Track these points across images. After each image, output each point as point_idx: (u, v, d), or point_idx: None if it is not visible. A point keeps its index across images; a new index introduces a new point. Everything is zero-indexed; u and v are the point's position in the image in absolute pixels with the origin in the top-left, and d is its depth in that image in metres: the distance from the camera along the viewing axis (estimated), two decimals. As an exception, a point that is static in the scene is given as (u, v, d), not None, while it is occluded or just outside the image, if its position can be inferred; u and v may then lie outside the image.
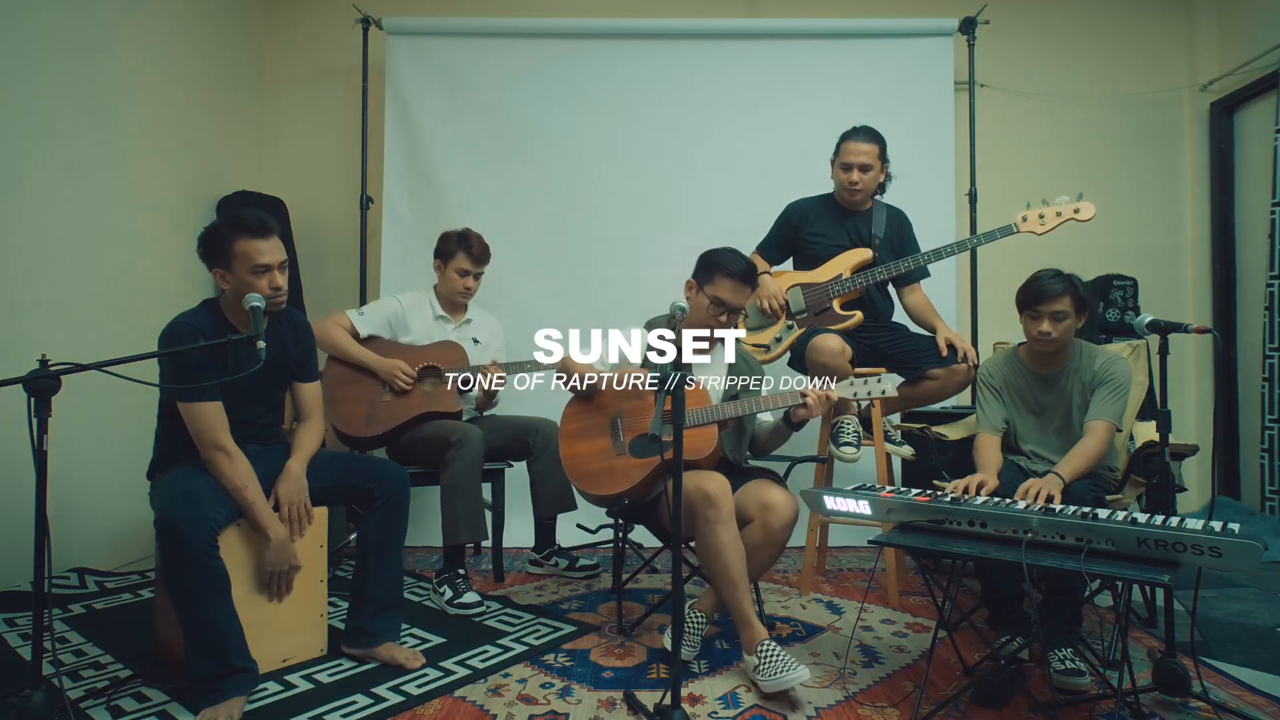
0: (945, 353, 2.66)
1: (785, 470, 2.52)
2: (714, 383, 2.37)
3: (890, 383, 2.11)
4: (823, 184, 2.99)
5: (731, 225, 3.38)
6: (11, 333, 2.53)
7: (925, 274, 2.93)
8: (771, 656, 1.90)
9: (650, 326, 2.39)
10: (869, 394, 2.12)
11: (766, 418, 2.44)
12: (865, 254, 2.82)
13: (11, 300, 2.56)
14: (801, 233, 2.92)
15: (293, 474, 2.03)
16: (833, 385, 2.13)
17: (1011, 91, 4.04)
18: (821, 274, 2.85)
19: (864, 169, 2.78)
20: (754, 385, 2.38)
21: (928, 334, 2.83)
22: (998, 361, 2.43)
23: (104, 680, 1.94)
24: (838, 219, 2.90)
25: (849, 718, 1.81)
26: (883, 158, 2.82)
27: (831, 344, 2.57)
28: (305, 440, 2.12)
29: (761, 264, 2.96)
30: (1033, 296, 2.22)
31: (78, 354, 1.74)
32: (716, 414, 2.19)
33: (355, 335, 2.83)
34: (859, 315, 2.78)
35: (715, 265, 2.25)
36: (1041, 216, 2.64)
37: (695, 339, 2.29)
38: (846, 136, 2.83)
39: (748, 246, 3.02)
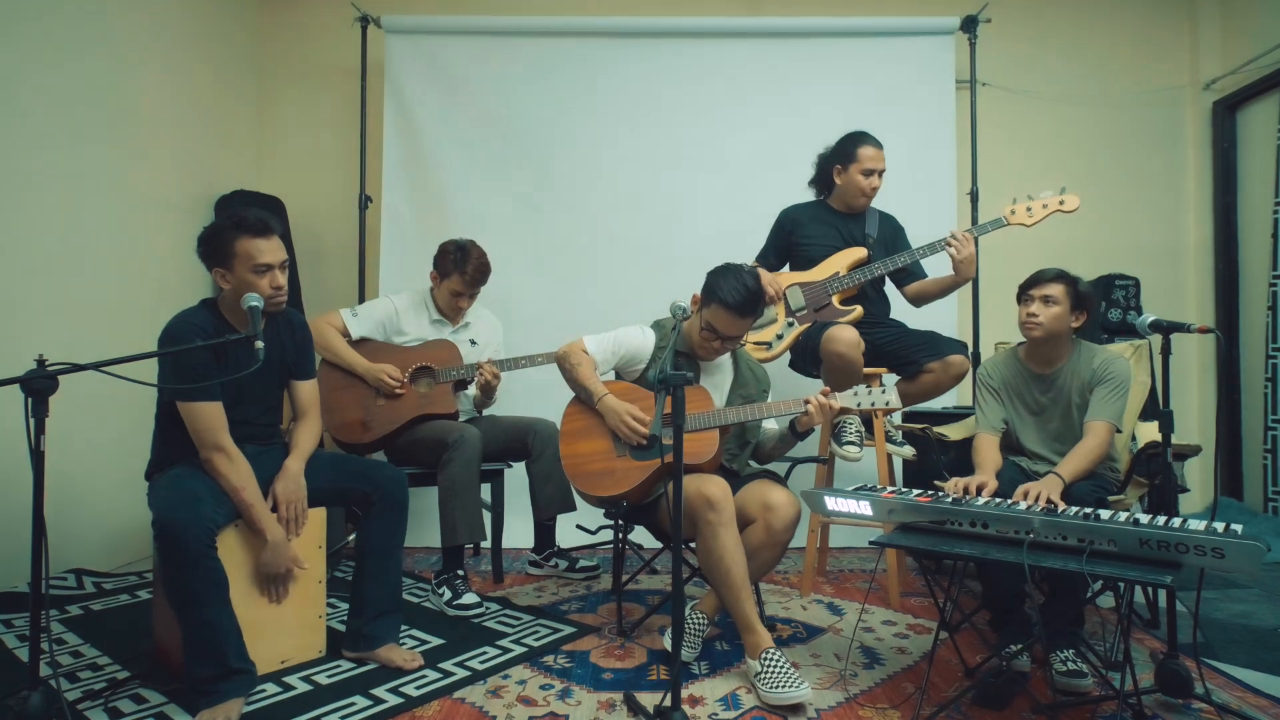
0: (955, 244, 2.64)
1: (786, 471, 2.51)
2: (717, 389, 2.36)
3: (894, 394, 2.10)
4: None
5: (732, 223, 3.38)
6: (9, 332, 2.52)
7: (923, 274, 2.92)
8: (775, 667, 1.88)
9: (657, 328, 2.38)
10: (872, 404, 2.10)
11: (771, 425, 2.42)
12: (860, 252, 2.82)
13: (9, 300, 2.55)
14: (795, 237, 2.92)
15: (290, 473, 2.02)
16: (836, 395, 2.11)
17: (1013, 90, 4.03)
18: (818, 273, 2.85)
19: (881, 174, 2.83)
20: (758, 398, 2.37)
21: (923, 330, 2.83)
22: (997, 362, 2.42)
23: (101, 682, 1.93)
24: (831, 222, 2.91)
25: (850, 719, 1.80)
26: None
27: (848, 335, 2.57)
28: (303, 439, 2.11)
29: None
30: (1026, 283, 2.27)
31: (76, 354, 1.74)
32: (719, 419, 2.18)
33: (347, 336, 2.81)
34: (859, 309, 2.78)
35: (716, 291, 2.19)
36: (1029, 209, 2.71)
37: (700, 347, 2.28)
38: (862, 142, 2.81)
39: (748, 245, 3.02)
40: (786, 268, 3.02)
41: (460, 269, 2.82)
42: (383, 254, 3.76)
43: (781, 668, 1.88)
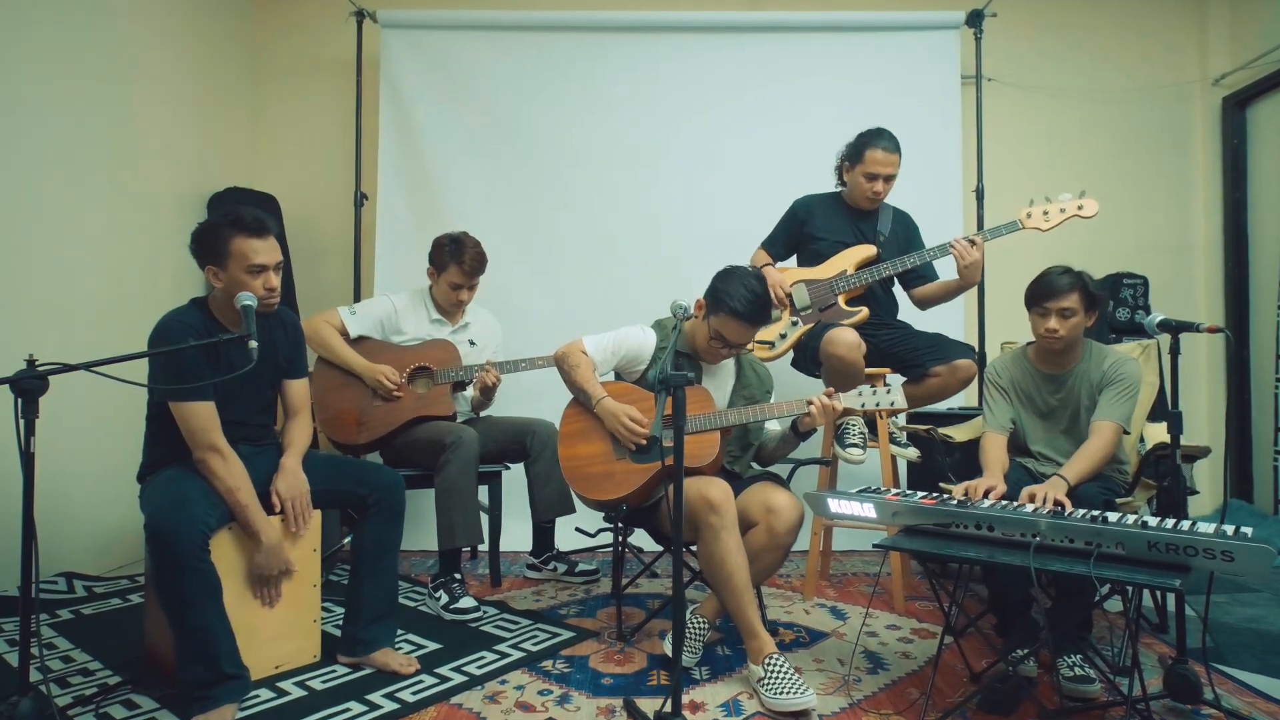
0: (964, 254, 2.58)
1: (789, 473, 2.47)
2: (720, 390, 2.32)
3: (899, 394, 2.06)
4: (826, 179, 2.95)
5: (734, 221, 3.35)
6: (0, 331, 2.50)
7: (933, 275, 2.88)
8: (779, 674, 1.85)
9: (657, 328, 2.35)
10: (877, 405, 2.06)
11: (774, 426, 2.39)
12: (869, 250, 2.78)
13: (0, 298, 2.53)
14: (806, 228, 2.89)
15: (289, 470, 2.01)
16: (840, 396, 2.08)
17: (1019, 86, 3.99)
18: (825, 270, 2.81)
19: (888, 179, 2.74)
20: (762, 399, 2.34)
21: (930, 332, 2.79)
22: (1005, 361, 2.39)
23: (92, 687, 1.91)
24: (844, 217, 2.87)
25: (852, 726, 1.77)
26: (899, 165, 2.77)
27: (848, 337, 2.53)
28: (297, 437, 2.09)
29: (764, 258, 2.93)
30: (1041, 293, 2.19)
31: (68, 354, 1.71)
32: (720, 420, 2.15)
33: (346, 334, 2.77)
34: (865, 311, 2.74)
35: (724, 300, 2.13)
36: (1046, 213, 2.64)
37: (706, 352, 2.25)
38: (871, 143, 2.72)
39: (750, 243, 2.99)
40: (793, 260, 2.99)
41: (457, 259, 2.78)
42: (378, 252, 3.74)
43: (785, 674, 1.85)
